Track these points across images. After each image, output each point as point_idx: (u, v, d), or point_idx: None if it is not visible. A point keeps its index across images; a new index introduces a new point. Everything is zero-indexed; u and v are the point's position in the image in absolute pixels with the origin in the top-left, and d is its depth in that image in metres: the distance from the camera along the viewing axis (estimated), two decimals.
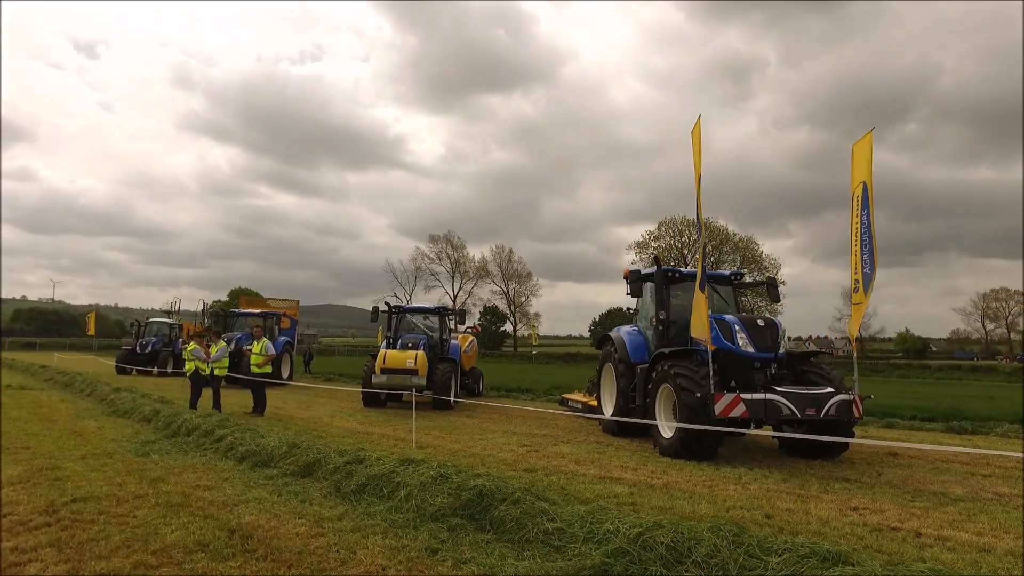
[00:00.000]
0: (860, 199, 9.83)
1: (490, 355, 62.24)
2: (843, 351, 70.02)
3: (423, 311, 20.04)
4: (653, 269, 12.62)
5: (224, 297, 69.40)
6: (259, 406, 14.69)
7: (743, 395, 9.62)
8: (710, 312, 12.44)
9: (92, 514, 6.00)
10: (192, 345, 14.41)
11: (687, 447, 10.08)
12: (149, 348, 31.02)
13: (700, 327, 9.94)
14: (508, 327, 72.38)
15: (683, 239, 48.84)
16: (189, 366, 14.26)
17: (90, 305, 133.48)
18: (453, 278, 72.50)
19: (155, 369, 30.37)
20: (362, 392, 17.43)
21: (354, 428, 12.98)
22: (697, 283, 10.15)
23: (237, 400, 17.08)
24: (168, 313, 36.51)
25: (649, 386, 11.32)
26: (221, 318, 26.61)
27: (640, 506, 6.96)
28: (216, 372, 14.48)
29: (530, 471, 8.87)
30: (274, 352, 14.94)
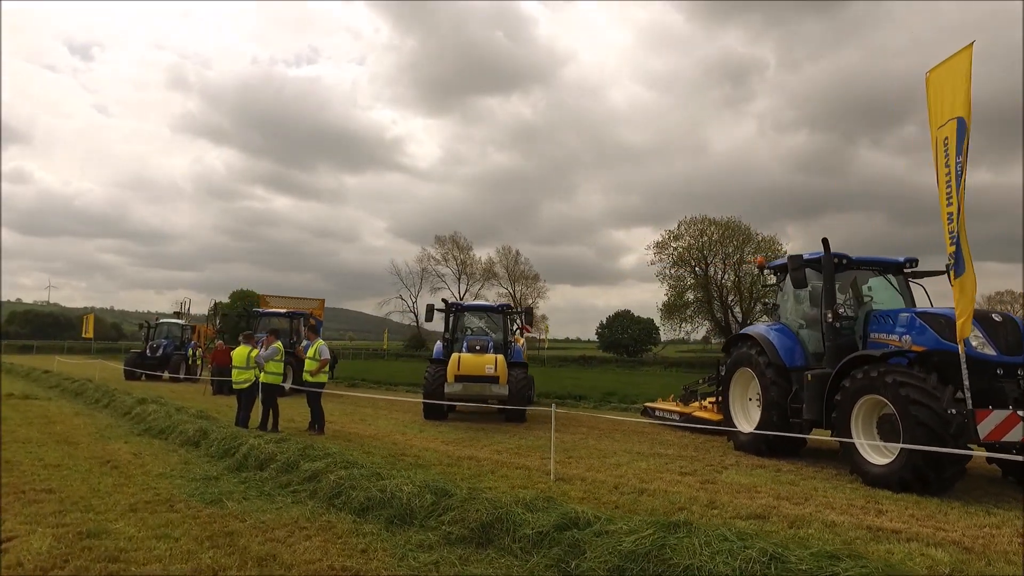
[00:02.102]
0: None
1: None
2: None
3: (485, 309, 17.31)
4: (818, 254, 10.01)
5: (225, 299, 65.70)
6: (317, 421, 11.87)
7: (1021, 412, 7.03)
8: (911, 308, 9.94)
9: None
10: (247, 350, 11.49)
11: (921, 477, 7.47)
12: (160, 351, 27.96)
13: (965, 321, 7.31)
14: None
15: (704, 239, 46.44)
16: (246, 376, 11.36)
17: (86, 308, 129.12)
18: (459, 280, 69.65)
19: (166, 373, 27.35)
20: (424, 403, 14.65)
21: (447, 451, 10.22)
22: (967, 258, 7.44)
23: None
24: (178, 314, 33.41)
25: (838, 397, 8.69)
26: (244, 318, 23.64)
27: None
28: (265, 379, 11.65)
29: (758, 518, 6.23)
30: (328, 356, 12.14)
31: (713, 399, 13.92)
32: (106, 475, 7.50)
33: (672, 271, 47.99)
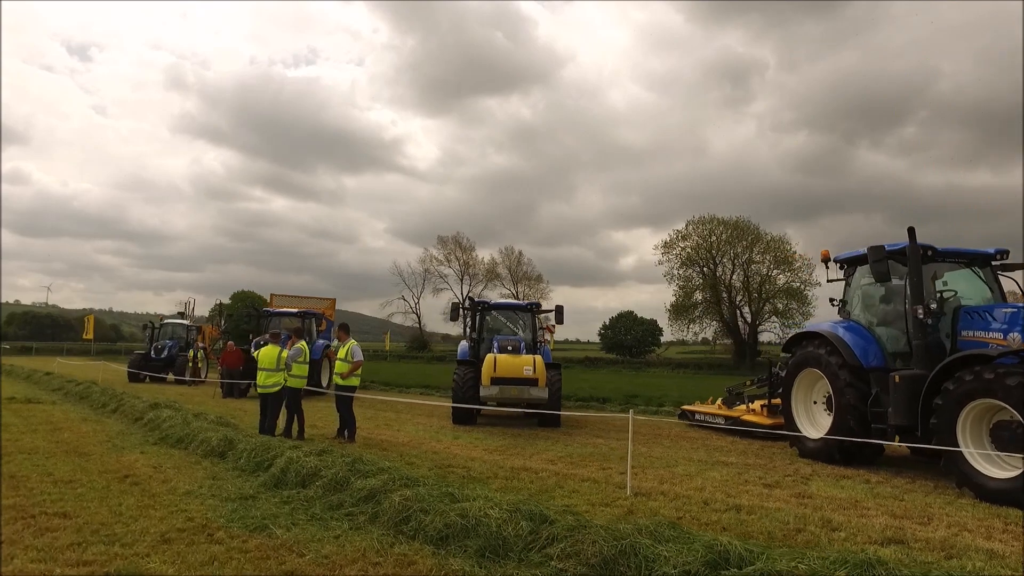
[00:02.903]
0: None
1: None
2: None
3: (513, 307, 16.30)
4: (900, 245, 9.06)
5: (226, 300, 64.58)
6: (346, 427, 10.83)
7: None
8: (1011, 303, 9.01)
9: None
10: (276, 350, 10.40)
11: None
12: (165, 352, 26.80)
13: None
14: None
15: (712, 238, 45.39)
16: (275, 379, 10.27)
17: (84, 309, 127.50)
18: (462, 280, 68.54)
19: (170, 375, 26.24)
20: (452, 408, 13.63)
21: (496, 461, 9.20)
22: None
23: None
24: (182, 314, 32.29)
25: (938, 401, 7.73)
26: (253, 319, 22.56)
27: None
28: (291, 383, 10.63)
29: (895, 543, 5.26)
30: (361, 358, 11.05)
31: (763, 402, 12.98)
32: (126, 493, 6.46)
33: (680, 271, 47.02)
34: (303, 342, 11.00)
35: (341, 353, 10.91)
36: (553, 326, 20.81)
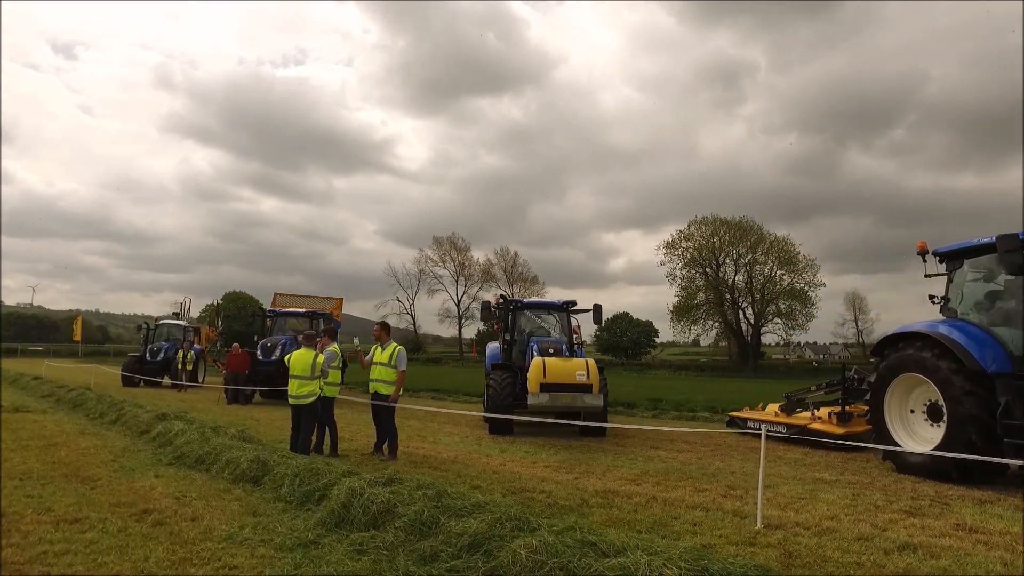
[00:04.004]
0: None
1: None
2: (839, 357, 65.02)
3: (546, 306, 14.93)
4: None
5: (219, 301, 62.57)
6: (385, 441, 9.39)
7: None
8: None
9: None
10: (310, 355, 8.73)
11: None
12: (161, 355, 25.10)
13: None
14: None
15: (715, 239, 44.26)
16: (309, 388, 8.71)
17: (70, 310, 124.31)
18: (457, 281, 67.10)
19: (166, 378, 24.60)
20: (489, 417, 12.19)
21: (573, 482, 7.81)
22: None
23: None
24: (177, 315, 30.53)
25: None
26: (258, 318, 20.96)
27: None
28: (325, 391, 9.17)
29: None
30: (404, 368, 9.49)
31: (831, 409, 11.75)
32: (150, 539, 4.99)
33: (683, 272, 45.91)
34: (335, 344, 9.54)
35: (382, 356, 9.36)
36: (579, 327, 19.46)
